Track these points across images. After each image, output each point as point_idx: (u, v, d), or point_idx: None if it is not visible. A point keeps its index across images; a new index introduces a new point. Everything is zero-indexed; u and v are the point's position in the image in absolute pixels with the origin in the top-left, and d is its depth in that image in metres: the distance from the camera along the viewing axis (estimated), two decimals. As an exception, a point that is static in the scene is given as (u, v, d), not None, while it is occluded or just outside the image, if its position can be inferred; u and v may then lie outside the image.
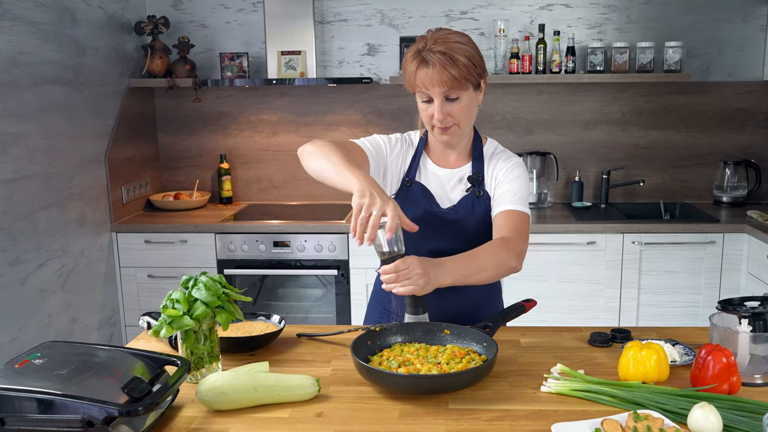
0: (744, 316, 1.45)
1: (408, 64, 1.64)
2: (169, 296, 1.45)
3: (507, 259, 1.60)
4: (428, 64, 1.59)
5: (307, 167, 1.64)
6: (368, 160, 1.73)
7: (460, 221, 1.74)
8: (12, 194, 2.64)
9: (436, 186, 1.78)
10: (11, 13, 2.63)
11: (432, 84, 1.60)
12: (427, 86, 1.61)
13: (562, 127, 3.74)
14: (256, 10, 3.70)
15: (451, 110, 1.64)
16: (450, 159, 1.80)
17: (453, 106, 1.64)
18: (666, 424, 1.21)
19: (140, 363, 1.34)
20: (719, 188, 3.63)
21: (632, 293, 3.27)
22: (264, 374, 1.39)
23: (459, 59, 1.59)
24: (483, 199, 1.75)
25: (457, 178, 1.78)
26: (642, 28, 3.61)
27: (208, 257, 3.36)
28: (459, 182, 1.78)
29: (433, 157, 1.81)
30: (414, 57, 1.63)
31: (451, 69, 1.58)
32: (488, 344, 1.50)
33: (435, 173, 1.79)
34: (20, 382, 1.19)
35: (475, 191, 1.75)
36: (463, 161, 1.80)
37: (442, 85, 1.59)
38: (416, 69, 1.61)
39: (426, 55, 1.60)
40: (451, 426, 1.27)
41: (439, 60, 1.58)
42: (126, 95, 3.53)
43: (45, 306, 2.84)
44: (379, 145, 1.79)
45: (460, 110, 1.65)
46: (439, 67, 1.58)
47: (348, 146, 1.70)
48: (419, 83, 1.62)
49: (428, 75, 1.59)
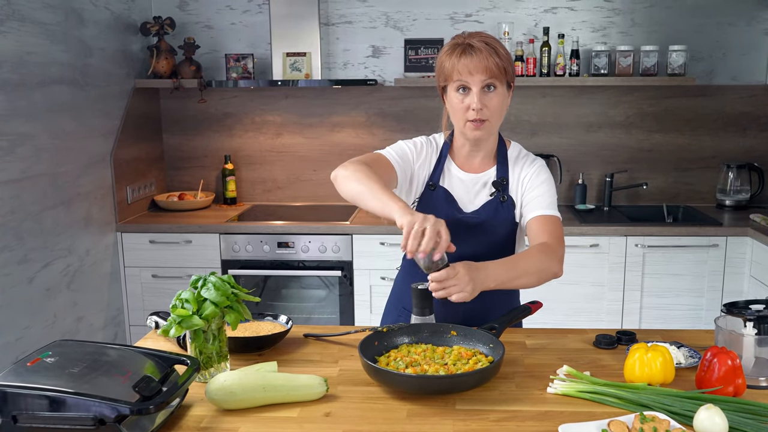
0: (749, 319, 1.46)
1: (446, 57, 1.67)
2: (179, 296, 1.46)
3: (549, 264, 1.62)
4: (473, 51, 1.63)
5: (342, 191, 1.65)
6: (395, 171, 1.73)
7: (483, 225, 1.75)
8: (19, 194, 2.65)
9: (459, 190, 1.78)
10: (20, 14, 2.65)
11: (477, 70, 1.63)
12: (471, 72, 1.63)
13: (566, 130, 3.75)
14: (262, 11, 3.72)
15: (487, 102, 1.66)
16: (474, 163, 1.80)
17: (490, 99, 1.66)
18: (672, 426, 1.22)
19: (150, 362, 1.35)
20: (722, 192, 3.64)
21: (635, 296, 3.27)
22: (272, 374, 1.40)
23: (500, 50, 1.65)
24: (507, 204, 1.76)
25: (481, 182, 1.78)
26: (646, 31, 3.62)
27: (213, 257, 3.38)
28: (483, 187, 1.78)
29: (458, 161, 1.81)
30: (454, 48, 1.66)
31: (494, 57, 1.63)
32: (495, 345, 1.51)
33: (459, 178, 1.79)
34: (32, 380, 1.20)
35: (499, 196, 1.76)
36: (488, 165, 1.80)
37: (486, 72, 1.63)
38: (460, 56, 1.64)
39: (470, 43, 1.64)
40: (459, 426, 1.28)
41: (484, 47, 1.63)
42: (132, 96, 3.54)
43: (51, 305, 2.85)
44: (405, 153, 1.78)
45: (495, 103, 1.67)
46: (485, 53, 1.62)
47: (375, 160, 1.71)
48: (462, 70, 1.63)
49: (473, 62, 1.63)
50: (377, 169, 1.65)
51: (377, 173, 1.61)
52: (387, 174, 1.70)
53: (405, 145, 1.80)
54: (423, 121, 3.73)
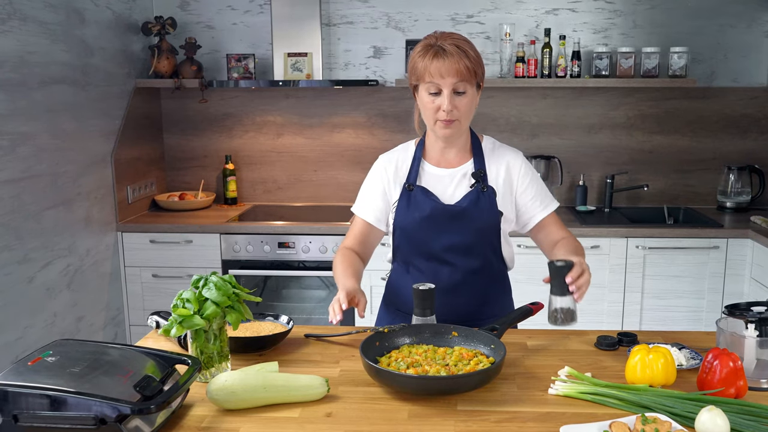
0: (750, 321, 1.46)
1: (419, 58, 1.71)
2: (180, 296, 1.46)
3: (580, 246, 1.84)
4: (444, 54, 1.67)
5: None
6: (372, 224, 1.88)
7: (467, 212, 1.79)
8: (20, 193, 2.65)
9: (437, 186, 1.83)
10: (21, 13, 2.65)
11: (448, 73, 1.67)
12: (442, 75, 1.67)
13: (567, 131, 3.75)
14: (263, 11, 3.72)
15: (457, 104, 1.71)
16: (449, 158, 1.84)
17: (460, 100, 1.71)
18: (673, 428, 1.22)
19: (151, 362, 1.35)
20: (723, 193, 3.64)
21: (636, 297, 3.27)
22: (274, 374, 1.40)
23: (470, 53, 1.70)
24: (488, 193, 1.81)
25: (460, 175, 1.83)
26: (647, 33, 3.62)
27: (213, 257, 3.37)
28: (462, 178, 1.83)
29: (432, 160, 1.86)
30: (427, 50, 1.70)
31: (465, 60, 1.68)
32: (496, 346, 1.51)
33: (435, 175, 1.84)
34: (33, 380, 1.20)
35: (479, 186, 1.80)
36: (464, 159, 1.85)
37: (456, 75, 1.67)
38: (432, 59, 1.68)
39: (441, 46, 1.68)
40: (460, 427, 1.28)
41: (455, 51, 1.68)
42: (133, 95, 3.54)
43: (51, 305, 2.85)
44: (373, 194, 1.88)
45: (465, 105, 1.72)
46: (456, 57, 1.67)
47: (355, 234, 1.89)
48: (434, 73, 1.68)
49: (444, 65, 1.67)
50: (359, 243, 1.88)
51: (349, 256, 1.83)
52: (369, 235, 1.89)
53: (369, 187, 1.90)
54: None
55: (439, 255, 1.81)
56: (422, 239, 1.81)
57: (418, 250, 1.83)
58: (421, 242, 1.82)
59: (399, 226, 1.84)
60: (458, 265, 1.81)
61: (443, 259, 1.81)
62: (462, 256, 1.80)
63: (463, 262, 1.81)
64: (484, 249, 1.83)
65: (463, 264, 1.81)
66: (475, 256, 1.81)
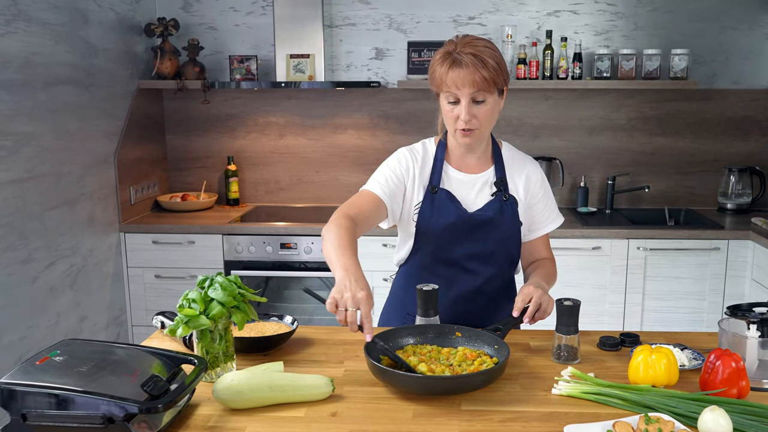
0: (753, 322, 1.47)
1: (437, 66, 1.69)
2: (186, 296, 1.47)
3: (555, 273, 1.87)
4: (460, 65, 1.64)
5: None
6: (383, 203, 1.75)
7: (492, 222, 1.78)
8: (23, 193, 2.66)
9: (461, 191, 1.81)
10: (26, 15, 2.66)
11: (463, 84, 1.64)
12: (458, 86, 1.65)
13: (568, 133, 3.76)
14: (266, 13, 3.73)
15: (476, 112, 1.69)
16: (471, 164, 1.83)
17: (479, 109, 1.69)
18: (676, 427, 1.23)
19: (158, 361, 1.36)
20: (724, 195, 3.65)
21: (637, 298, 3.28)
22: (279, 374, 1.40)
23: (489, 62, 1.65)
24: (510, 202, 1.80)
25: (481, 182, 1.82)
26: (648, 35, 3.63)
27: (215, 258, 3.38)
28: (484, 186, 1.81)
29: (454, 163, 1.83)
30: (444, 58, 1.67)
31: (482, 70, 1.64)
32: (499, 347, 1.52)
33: (458, 179, 1.82)
34: (41, 379, 1.21)
35: (501, 195, 1.80)
36: (485, 166, 1.84)
37: (473, 86, 1.64)
38: (448, 69, 1.65)
39: (458, 57, 1.65)
40: (464, 427, 1.29)
41: (471, 61, 1.64)
42: (135, 96, 3.55)
43: (54, 305, 2.86)
44: (392, 177, 1.79)
45: (484, 113, 1.70)
46: (472, 68, 1.63)
47: (358, 205, 1.72)
48: (450, 83, 1.66)
49: (460, 75, 1.64)
50: (360, 214, 1.68)
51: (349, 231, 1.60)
52: (373, 212, 1.72)
53: (389, 170, 1.81)
54: (426, 123, 3.74)
55: (460, 262, 1.80)
56: (444, 246, 1.79)
57: (439, 256, 1.80)
58: (442, 248, 1.79)
59: (422, 230, 1.79)
60: (478, 273, 1.80)
61: (463, 266, 1.80)
62: (482, 264, 1.80)
63: (482, 270, 1.80)
64: (502, 257, 1.82)
65: (482, 272, 1.80)
66: (492, 264, 1.81)
